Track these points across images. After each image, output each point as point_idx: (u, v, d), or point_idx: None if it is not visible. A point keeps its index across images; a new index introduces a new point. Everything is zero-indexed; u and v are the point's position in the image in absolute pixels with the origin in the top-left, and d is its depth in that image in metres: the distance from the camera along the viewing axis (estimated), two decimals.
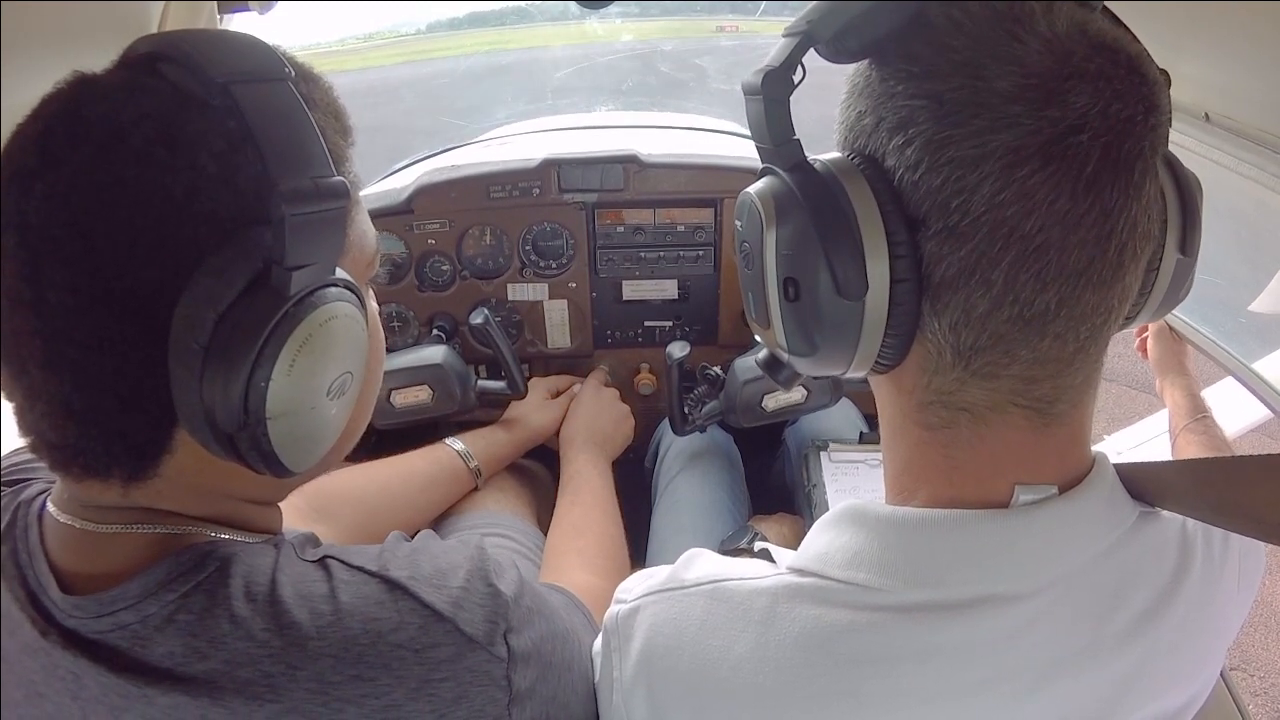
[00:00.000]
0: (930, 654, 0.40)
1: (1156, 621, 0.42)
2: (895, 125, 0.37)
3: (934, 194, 0.36)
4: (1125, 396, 2.65)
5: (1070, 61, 0.34)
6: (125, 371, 0.39)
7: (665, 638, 0.46)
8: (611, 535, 0.90)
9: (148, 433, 0.41)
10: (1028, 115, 0.34)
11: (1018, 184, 0.34)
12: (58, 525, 0.44)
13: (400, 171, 1.61)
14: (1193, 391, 0.93)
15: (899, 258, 0.37)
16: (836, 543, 0.44)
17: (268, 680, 0.40)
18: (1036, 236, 0.35)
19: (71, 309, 0.37)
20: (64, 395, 0.39)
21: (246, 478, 0.44)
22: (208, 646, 0.41)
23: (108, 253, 0.37)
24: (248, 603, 0.41)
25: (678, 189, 1.18)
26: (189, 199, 0.38)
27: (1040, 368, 0.38)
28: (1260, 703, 1.86)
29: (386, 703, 0.42)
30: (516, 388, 1.10)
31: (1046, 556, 0.40)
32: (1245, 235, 0.85)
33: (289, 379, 0.39)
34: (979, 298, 0.37)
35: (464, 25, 22.20)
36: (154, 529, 0.43)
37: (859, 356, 0.41)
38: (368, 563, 0.45)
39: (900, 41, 0.37)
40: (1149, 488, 0.44)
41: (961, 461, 0.41)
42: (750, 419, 1.04)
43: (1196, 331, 0.89)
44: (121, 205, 0.37)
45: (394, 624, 0.43)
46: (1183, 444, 0.89)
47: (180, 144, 0.38)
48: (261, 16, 0.97)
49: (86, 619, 0.41)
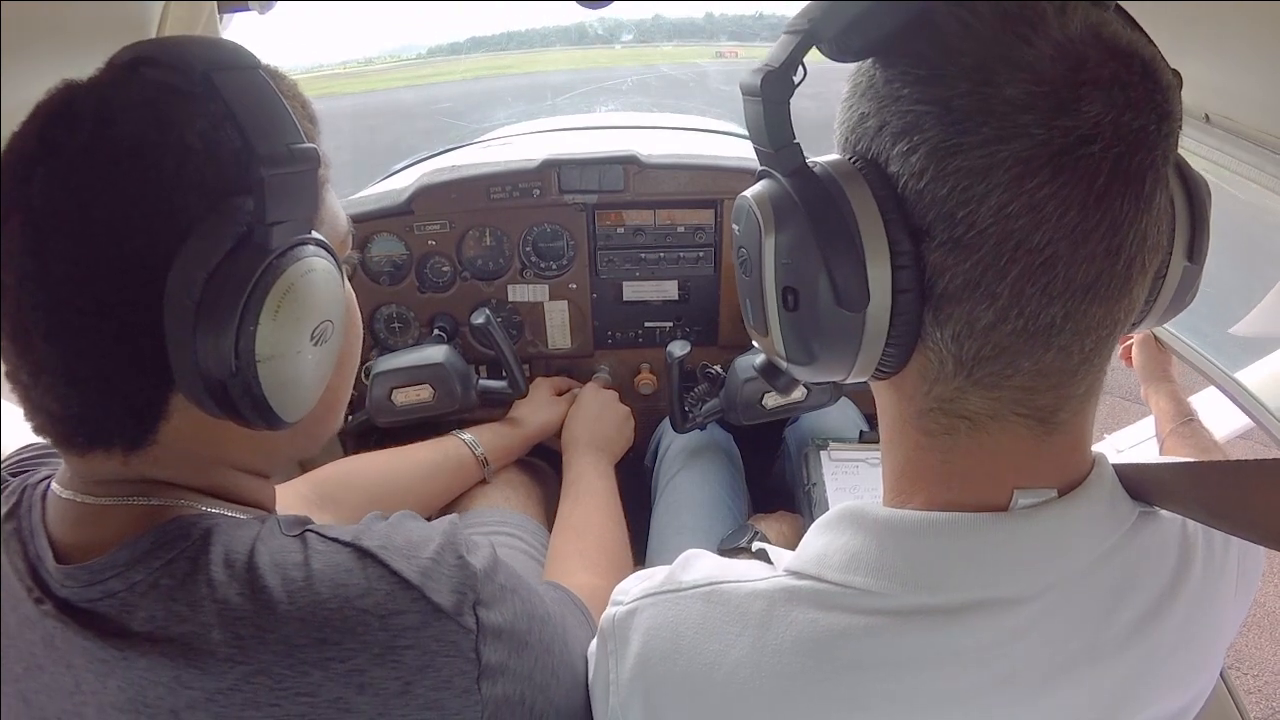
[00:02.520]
0: (928, 659, 0.40)
1: (1157, 623, 0.42)
2: (900, 131, 0.36)
3: (940, 204, 0.35)
4: (1119, 408, 2.66)
5: (1084, 68, 0.33)
6: (125, 335, 0.42)
7: (662, 641, 0.46)
8: (614, 536, 0.90)
9: (146, 395, 0.44)
10: (1038, 125, 0.33)
11: (1027, 195, 0.33)
12: (59, 501, 0.47)
13: (400, 172, 1.62)
14: (1177, 396, 0.93)
15: (901, 268, 0.36)
16: (834, 545, 0.43)
17: (238, 642, 0.42)
18: (1045, 250, 0.34)
19: (75, 280, 0.41)
20: (68, 365, 0.42)
21: (240, 442, 0.48)
22: (186, 610, 0.42)
23: (107, 226, 0.41)
24: (225, 569, 0.43)
25: (678, 190, 1.18)
26: (178, 172, 0.41)
27: (1043, 379, 0.38)
28: (1255, 701, 1.86)
29: (350, 667, 0.42)
30: (518, 387, 1.10)
31: (1046, 560, 0.40)
32: (1243, 237, 0.85)
33: (275, 323, 0.42)
34: (983, 310, 0.36)
35: (465, 49, 22.30)
36: (148, 500, 0.45)
37: (859, 365, 0.40)
38: (342, 534, 0.47)
39: (906, 41, 0.36)
40: (1148, 487, 0.44)
41: (960, 467, 0.41)
42: (750, 417, 1.05)
43: (1179, 340, 0.89)
44: (118, 182, 0.41)
45: (361, 590, 0.44)
46: (1170, 447, 0.89)
47: (168, 125, 0.42)
48: (261, 16, 0.97)
49: (78, 588, 0.43)
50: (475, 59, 20.57)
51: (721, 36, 20.70)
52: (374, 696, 0.43)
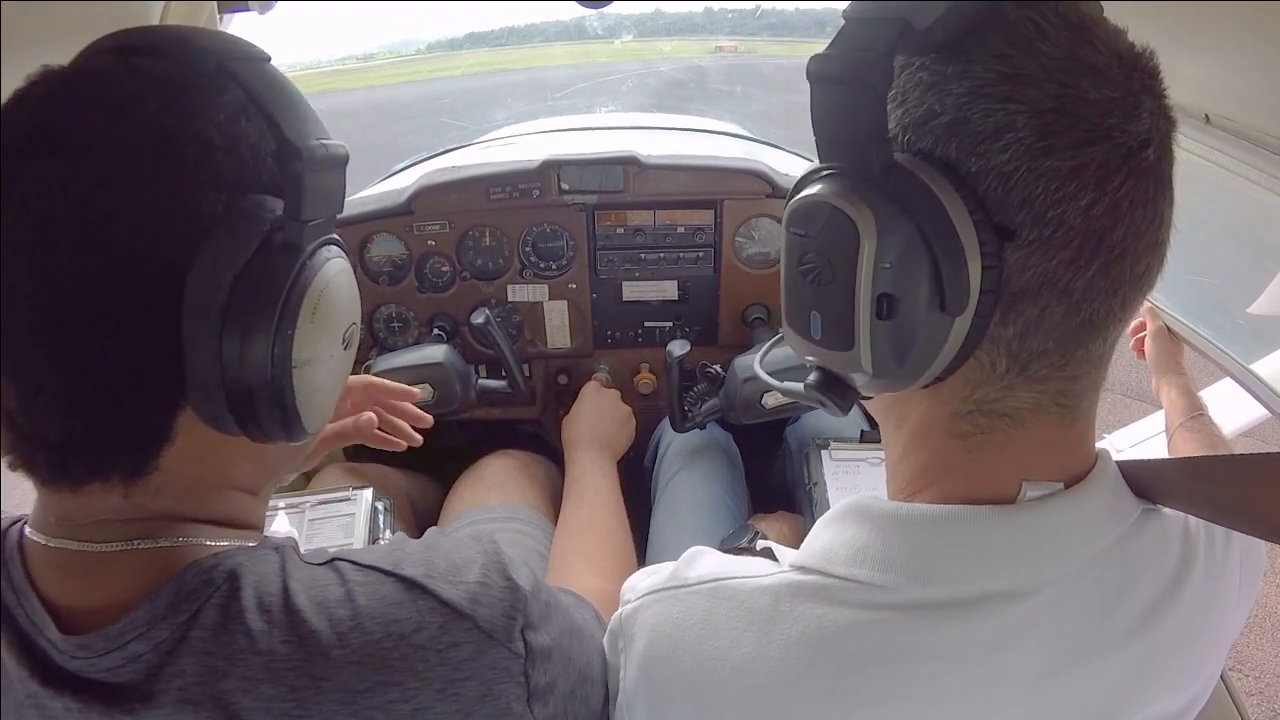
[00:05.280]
0: (934, 653, 0.40)
1: (1160, 619, 0.42)
2: (987, 131, 0.35)
3: (1030, 203, 0.35)
4: (1120, 405, 2.67)
5: (1135, 77, 0.36)
6: (136, 346, 0.38)
7: (667, 638, 0.46)
8: (618, 538, 0.90)
9: (155, 412, 0.40)
10: (1118, 129, 0.35)
11: (1109, 195, 0.35)
12: (47, 552, 0.41)
13: (400, 172, 1.62)
14: (1189, 390, 0.93)
15: (989, 269, 0.36)
16: (840, 539, 0.44)
17: (294, 695, 0.39)
18: (1118, 246, 0.36)
19: (83, 284, 0.37)
20: (70, 382, 0.38)
21: (243, 460, 0.45)
22: (225, 664, 0.39)
23: (121, 223, 0.37)
24: (261, 615, 0.40)
25: (678, 190, 1.18)
26: (199, 167, 0.39)
27: (1084, 366, 0.40)
28: (1255, 703, 1.86)
29: (414, 706, 0.41)
30: (517, 387, 1.10)
31: (1051, 552, 0.40)
32: (1244, 236, 0.85)
33: (312, 326, 0.41)
34: (1055, 305, 0.37)
35: (464, 45, 22.37)
36: (155, 543, 0.41)
37: (929, 373, 0.39)
38: (379, 561, 0.44)
39: (984, 37, 0.36)
40: (1151, 485, 0.44)
41: (987, 464, 0.41)
42: (750, 416, 1.05)
43: (1194, 332, 0.89)
44: (135, 176, 0.37)
45: (415, 624, 0.42)
46: (1179, 441, 0.89)
47: (186, 116, 0.39)
48: (261, 16, 0.97)
49: (93, 658, 0.39)
50: (474, 55, 20.63)
51: (721, 33, 20.75)
52: None
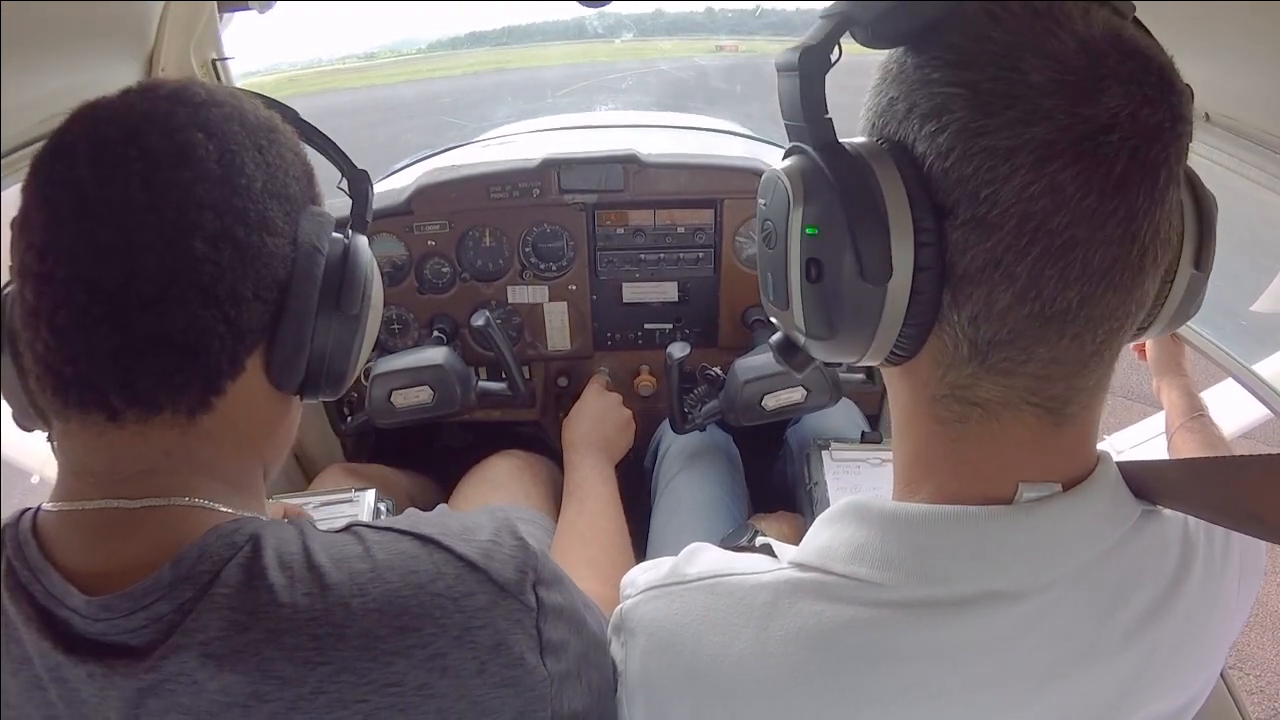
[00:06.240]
0: (932, 651, 0.40)
1: (1159, 620, 0.42)
2: (929, 112, 0.37)
3: (964, 182, 0.36)
4: (1121, 407, 2.68)
5: (1104, 62, 0.35)
6: (240, 291, 0.44)
7: (666, 633, 0.46)
8: (619, 545, 0.90)
9: (237, 350, 0.44)
10: (1062, 110, 0.34)
11: (1048, 178, 0.35)
12: (71, 518, 0.42)
13: (400, 172, 1.61)
14: (1189, 391, 0.93)
15: (924, 245, 0.37)
16: (839, 537, 0.44)
17: (315, 644, 0.41)
18: (1064, 233, 0.35)
19: (221, 232, 0.43)
20: (182, 291, 0.42)
21: (275, 428, 0.50)
22: (248, 618, 0.40)
23: (256, 190, 0.45)
24: (283, 571, 0.42)
25: (678, 189, 1.18)
26: (276, 180, 0.47)
27: (1056, 367, 0.38)
28: (1256, 701, 1.86)
29: (432, 652, 0.42)
30: (517, 389, 1.10)
31: (1050, 553, 0.40)
32: (1245, 236, 0.85)
33: (371, 305, 0.51)
34: (1001, 291, 0.37)
35: (465, 44, 22.45)
36: (185, 500, 0.43)
37: (876, 344, 0.40)
38: (395, 524, 0.47)
39: (938, 30, 0.38)
40: (1151, 486, 0.44)
41: (970, 457, 0.41)
42: (750, 418, 1.04)
43: (1195, 333, 0.89)
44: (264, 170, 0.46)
45: (431, 574, 0.44)
46: (1179, 442, 0.89)
47: (268, 147, 0.47)
48: (261, 16, 0.97)
49: (116, 618, 0.40)
50: (475, 54, 20.66)
51: (721, 32, 20.79)
52: (455, 679, 0.43)
